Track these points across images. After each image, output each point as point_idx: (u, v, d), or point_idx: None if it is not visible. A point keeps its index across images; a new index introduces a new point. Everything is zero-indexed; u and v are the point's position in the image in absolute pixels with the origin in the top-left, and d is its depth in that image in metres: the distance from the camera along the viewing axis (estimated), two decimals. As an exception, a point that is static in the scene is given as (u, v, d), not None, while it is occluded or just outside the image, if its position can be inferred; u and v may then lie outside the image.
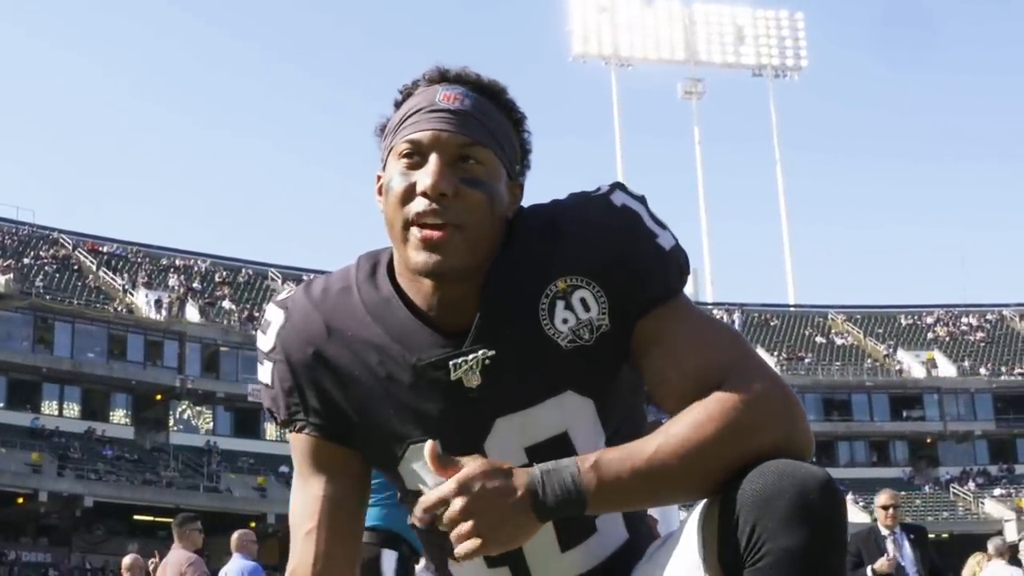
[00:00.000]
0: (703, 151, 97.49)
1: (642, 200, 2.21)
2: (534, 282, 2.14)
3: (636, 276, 2.13)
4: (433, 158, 2.10)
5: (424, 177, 2.09)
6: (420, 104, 2.15)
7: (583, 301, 2.14)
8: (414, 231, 2.09)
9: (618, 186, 2.22)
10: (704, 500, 2.06)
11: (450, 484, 1.96)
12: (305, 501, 2.28)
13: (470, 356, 2.13)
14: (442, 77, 2.19)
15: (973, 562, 12.39)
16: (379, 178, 2.22)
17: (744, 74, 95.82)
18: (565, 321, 2.14)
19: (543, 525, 1.99)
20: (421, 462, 2.21)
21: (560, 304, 2.14)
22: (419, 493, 2.28)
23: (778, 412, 2.04)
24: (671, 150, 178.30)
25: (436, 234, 2.07)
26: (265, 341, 2.28)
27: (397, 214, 2.12)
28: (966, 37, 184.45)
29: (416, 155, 2.12)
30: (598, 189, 2.22)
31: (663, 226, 2.20)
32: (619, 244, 2.14)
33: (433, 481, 2.21)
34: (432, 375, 2.15)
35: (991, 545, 12.50)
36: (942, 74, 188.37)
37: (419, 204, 2.09)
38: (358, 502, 2.32)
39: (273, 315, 2.29)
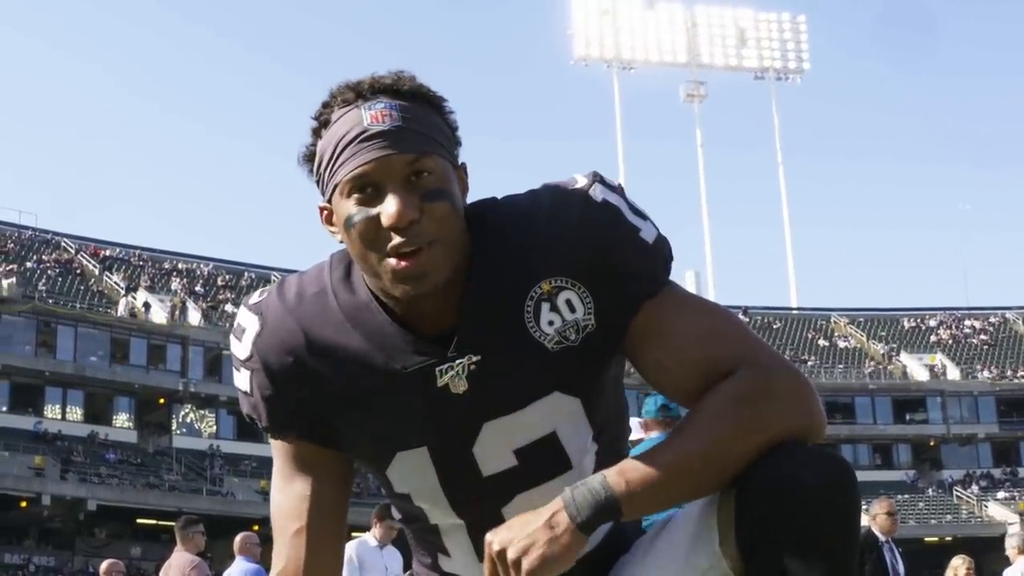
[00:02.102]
0: (705, 154, 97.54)
1: (620, 191, 2.17)
2: (518, 284, 2.11)
3: (621, 273, 2.11)
4: (388, 187, 2.02)
5: (387, 208, 2.00)
6: (348, 132, 2.05)
7: (568, 302, 2.10)
8: (390, 262, 2.02)
9: (596, 177, 2.17)
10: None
11: (490, 544, 2.00)
12: (290, 501, 2.25)
13: (456, 362, 2.10)
14: (357, 95, 2.08)
15: (961, 564, 12.30)
16: (323, 209, 2.15)
17: (746, 77, 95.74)
18: (551, 323, 2.11)
19: (587, 536, 1.98)
20: (408, 467, 2.21)
21: (545, 306, 2.10)
22: (407, 496, 2.27)
23: (794, 398, 2.05)
24: (673, 153, 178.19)
25: (413, 261, 2.00)
26: (241, 348, 2.23)
27: (367, 250, 2.04)
28: (969, 39, 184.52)
29: (367, 187, 2.03)
30: (574, 181, 2.16)
31: (644, 217, 2.17)
32: (601, 242, 2.10)
33: (423, 486, 2.23)
34: (417, 382, 2.11)
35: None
36: (944, 77, 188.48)
37: (390, 238, 2.01)
38: (343, 502, 2.30)
39: (248, 321, 2.23)
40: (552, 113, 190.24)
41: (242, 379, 2.25)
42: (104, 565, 12.61)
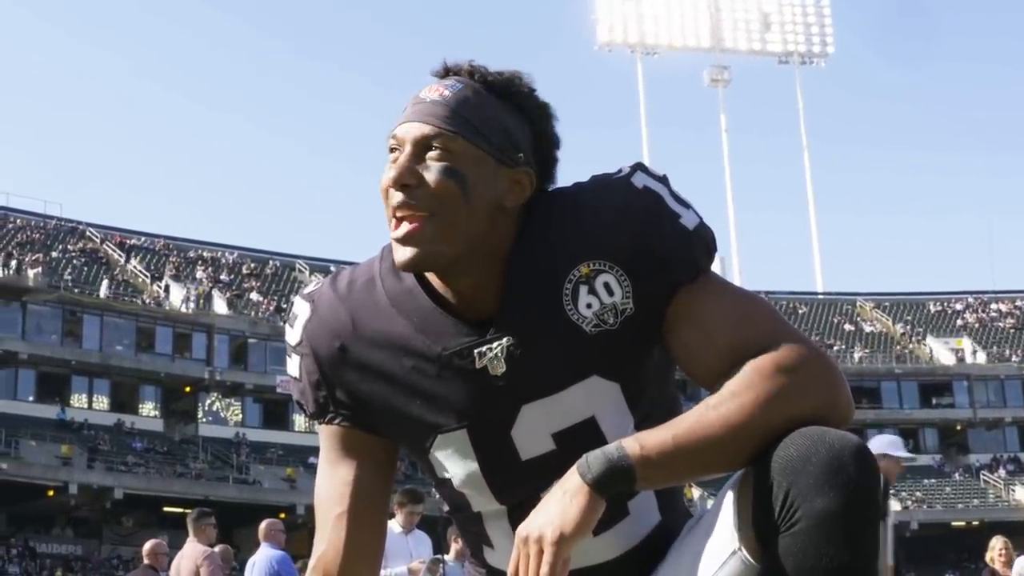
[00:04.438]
0: (730, 139, 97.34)
1: (664, 180, 2.20)
2: (556, 268, 2.13)
3: (660, 259, 2.12)
4: (405, 150, 2.12)
5: (391, 170, 2.12)
6: (409, 100, 2.18)
7: (607, 285, 2.12)
8: (391, 226, 2.12)
9: (639, 167, 2.21)
10: (739, 472, 2.06)
11: (518, 535, 2.01)
12: (333, 486, 2.31)
13: (494, 344, 2.13)
14: (444, 72, 2.21)
15: (999, 544, 12.22)
16: None
17: (770, 61, 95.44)
18: (589, 306, 2.13)
19: (603, 498, 1.98)
20: (449, 451, 2.24)
21: (583, 289, 2.13)
22: (449, 481, 2.30)
23: (817, 379, 2.04)
24: (697, 139, 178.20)
25: (408, 226, 2.10)
26: (292, 334, 2.30)
27: (385, 210, 2.14)
28: (992, 27, 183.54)
29: (395, 149, 2.14)
30: (619, 171, 2.20)
31: (686, 205, 2.19)
32: (641, 227, 2.12)
33: (464, 470, 2.25)
34: (457, 364, 2.15)
35: None
36: (969, 63, 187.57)
37: (393, 197, 2.12)
38: (385, 489, 2.36)
39: (300, 308, 2.31)
40: (576, 99, 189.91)
41: (292, 365, 2.33)
42: (148, 546, 12.61)
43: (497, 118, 2.16)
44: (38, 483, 49.14)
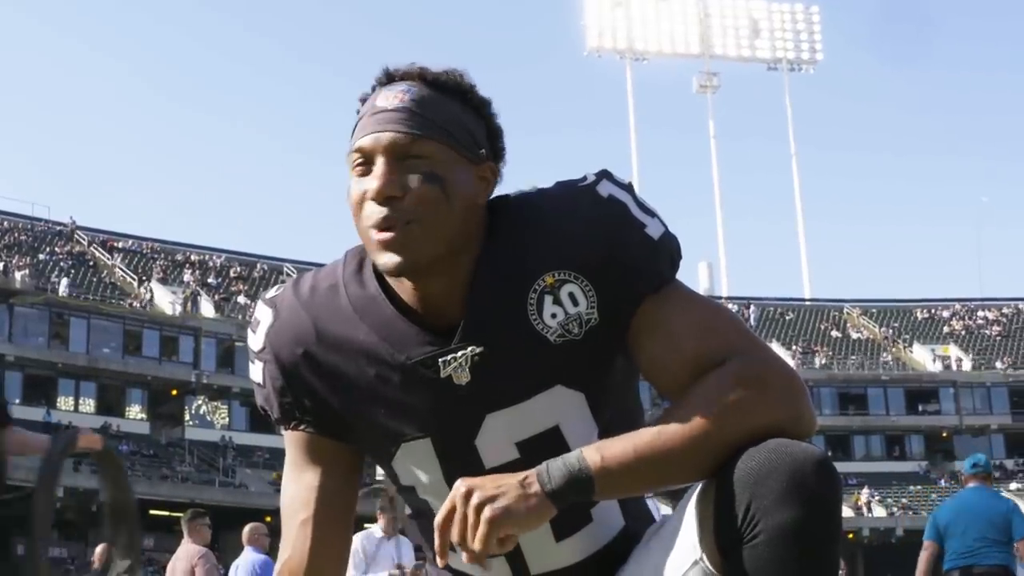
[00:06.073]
0: (718, 145, 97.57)
1: (629, 188, 2.19)
2: (521, 277, 2.12)
3: (625, 269, 2.11)
4: (379, 162, 2.09)
5: (370, 183, 2.08)
6: (364, 110, 2.15)
7: (571, 295, 2.12)
8: (371, 232, 2.08)
9: (604, 175, 2.19)
10: (701, 481, 2.05)
11: (458, 486, 1.99)
12: (299, 492, 2.29)
13: (459, 353, 2.12)
14: (388, 78, 2.18)
15: None
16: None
17: (759, 68, 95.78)
18: (554, 316, 2.12)
19: (557, 508, 1.98)
20: (412, 459, 2.24)
21: (548, 299, 2.12)
22: (412, 488, 2.30)
23: (780, 391, 2.04)
24: (686, 144, 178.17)
25: (390, 234, 2.06)
26: (255, 340, 2.29)
27: (358, 222, 2.11)
28: (981, 33, 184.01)
29: (365, 162, 2.11)
30: (584, 178, 2.19)
31: (652, 214, 2.17)
32: (606, 237, 2.11)
33: (427, 478, 2.25)
34: (421, 373, 2.14)
35: None
36: (957, 70, 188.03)
37: (371, 209, 2.08)
38: (350, 495, 2.33)
39: (262, 314, 2.28)
40: (565, 104, 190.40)
41: (256, 371, 2.30)
42: (98, 549, 12.60)
43: (457, 116, 2.15)
44: (24, 485, 48.88)
